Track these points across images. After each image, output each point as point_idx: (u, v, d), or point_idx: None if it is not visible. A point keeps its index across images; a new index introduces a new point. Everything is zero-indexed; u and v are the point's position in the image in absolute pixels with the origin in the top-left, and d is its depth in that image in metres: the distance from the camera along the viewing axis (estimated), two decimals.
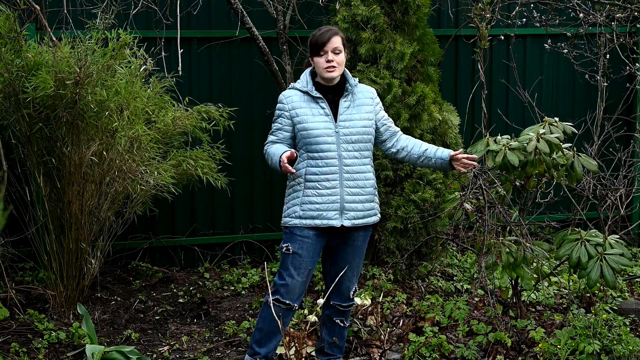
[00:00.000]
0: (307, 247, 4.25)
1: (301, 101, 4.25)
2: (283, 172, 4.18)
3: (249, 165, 6.49)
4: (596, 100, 6.84)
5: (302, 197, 4.24)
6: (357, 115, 4.28)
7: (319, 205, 4.22)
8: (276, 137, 4.30)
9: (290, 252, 4.25)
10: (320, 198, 4.22)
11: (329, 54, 4.20)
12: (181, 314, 5.57)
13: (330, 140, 4.21)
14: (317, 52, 4.22)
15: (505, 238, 4.76)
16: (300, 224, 4.24)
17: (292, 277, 4.25)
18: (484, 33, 6.23)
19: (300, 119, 4.23)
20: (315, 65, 4.26)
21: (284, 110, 4.28)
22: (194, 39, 6.28)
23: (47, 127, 5.01)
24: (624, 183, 5.95)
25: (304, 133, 4.21)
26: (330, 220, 4.23)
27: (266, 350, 4.37)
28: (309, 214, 4.23)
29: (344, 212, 4.25)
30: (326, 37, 4.20)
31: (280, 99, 4.32)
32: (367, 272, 5.69)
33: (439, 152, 4.33)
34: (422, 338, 4.80)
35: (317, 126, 4.21)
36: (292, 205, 4.28)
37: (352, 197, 4.25)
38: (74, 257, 5.22)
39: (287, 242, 4.28)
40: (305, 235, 4.24)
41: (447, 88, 6.69)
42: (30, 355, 4.72)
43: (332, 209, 4.23)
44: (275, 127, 4.31)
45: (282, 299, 4.27)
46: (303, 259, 4.25)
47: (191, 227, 6.44)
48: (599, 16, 6.39)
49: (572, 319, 4.84)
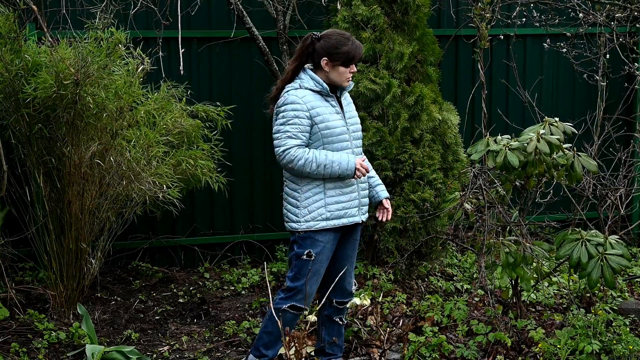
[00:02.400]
0: (326, 251, 4.28)
1: (316, 100, 4.22)
2: (357, 177, 4.22)
3: (249, 165, 6.49)
4: (596, 100, 6.84)
5: (326, 198, 4.23)
6: (354, 112, 4.41)
7: (344, 204, 4.26)
8: (300, 139, 4.16)
9: (312, 258, 4.24)
10: (344, 196, 4.26)
11: (354, 66, 4.25)
12: (181, 314, 5.57)
13: (346, 137, 4.26)
14: (348, 64, 4.21)
15: (505, 238, 4.76)
16: (327, 226, 4.24)
17: (311, 285, 4.26)
18: (484, 33, 6.23)
19: (322, 118, 4.19)
20: (338, 73, 4.23)
21: (302, 111, 4.16)
22: (194, 39, 6.28)
23: (47, 127, 5.01)
24: (624, 183, 5.95)
25: (326, 132, 4.19)
26: (354, 217, 4.32)
27: (273, 353, 4.39)
28: (335, 214, 4.25)
29: (360, 208, 4.34)
30: (360, 52, 4.23)
31: (293, 99, 4.16)
32: (367, 272, 5.69)
33: (379, 188, 4.46)
34: (422, 338, 4.80)
35: (336, 124, 4.23)
36: (315, 208, 4.23)
37: (364, 192, 4.38)
38: (74, 257, 5.22)
39: (307, 248, 4.24)
40: (326, 239, 4.26)
41: (447, 88, 6.68)
42: (30, 355, 4.72)
43: (354, 205, 4.31)
44: (297, 129, 4.15)
45: (298, 304, 4.27)
46: (322, 264, 4.29)
47: (191, 227, 6.44)
48: (598, 16, 6.39)
49: (572, 319, 4.84)
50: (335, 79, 4.24)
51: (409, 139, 5.66)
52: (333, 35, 4.23)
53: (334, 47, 4.19)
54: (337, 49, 4.19)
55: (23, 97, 4.84)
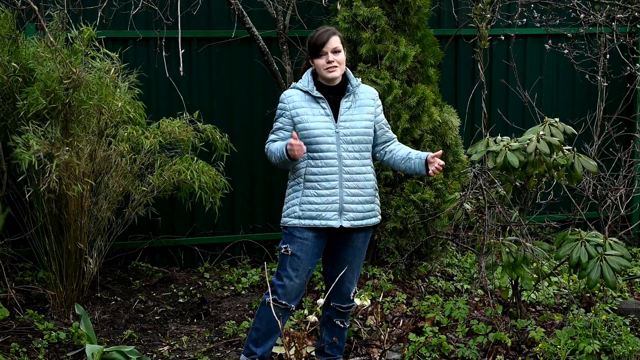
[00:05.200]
0: (306, 249, 4.23)
1: (302, 101, 4.24)
2: (293, 158, 4.10)
3: (249, 165, 6.49)
4: (596, 100, 6.84)
5: (302, 197, 4.23)
6: (358, 116, 4.27)
7: (318, 206, 4.21)
8: (277, 136, 4.29)
9: (289, 254, 4.23)
10: (319, 198, 4.21)
11: (329, 55, 4.19)
12: (181, 314, 5.57)
13: (330, 140, 4.20)
14: (317, 54, 4.21)
15: (505, 238, 4.76)
16: (299, 224, 4.22)
17: (290, 279, 4.24)
18: (484, 33, 6.23)
19: (300, 119, 4.21)
20: (316, 66, 4.24)
21: (285, 110, 4.26)
22: (194, 39, 6.28)
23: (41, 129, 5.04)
24: (624, 183, 5.94)
25: (304, 133, 4.20)
26: (329, 220, 4.22)
27: (263, 350, 4.36)
28: (307, 214, 4.22)
29: (343, 213, 4.23)
30: (324, 37, 4.20)
31: (281, 98, 4.30)
32: (367, 272, 5.69)
33: (420, 154, 4.33)
34: (422, 338, 4.80)
35: (317, 126, 4.20)
36: (291, 205, 4.27)
37: (352, 198, 4.24)
38: (73, 257, 5.22)
39: (286, 243, 4.25)
40: (305, 237, 4.23)
41: (447, 88, 6.68)
42: (30, 355, 4.72)
43: (331, 209, 4.21)
44: (277, 127, 4.30)
45: (279, 299, 4.25)
46: (302, 261, 4.23)
47: (191, 227, 6.44)
48: (599, 16, 6.39)
49: (572, 319, 4.84)
50: (319, 73, 4.25)
51: (410, 139, 5.66)
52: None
53: (307, 44, 4.28)
54: (307, 43, 4.28)
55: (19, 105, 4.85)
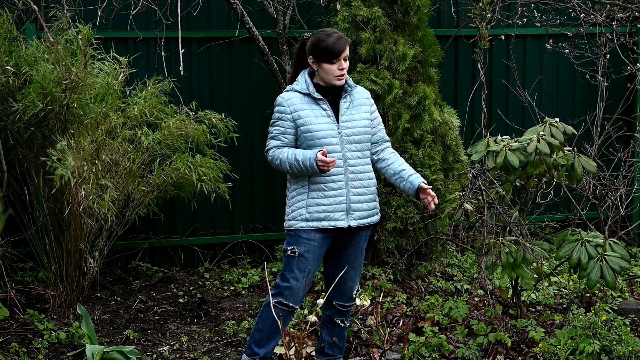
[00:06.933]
0: (313, 249, 4.23)
1: (302, 103, 4.21)
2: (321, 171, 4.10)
3: (249, 165, 6.48)
4: (596, 100, 6.84)
5: (308, 200, 4.21)
6: (358, 115, 4.27)
7: (325, 207, 4.20)
8: (280, 141, 4.23)
9: (296, 255, 4.21)
10: (326, 199, 4.20)
11: (342, 62, 4.17)
12: (181, 314, 5.57)
13: (334, 141, 4.19)
14: (330, 60, 4.15)
15: (505, 238, 4.76)
16: (306, 227, 4.21)
17: (297, 280, 4.23)
18: (484, 33, 6.23)
19: (303, 121, 4.19)
20: (324, 71, 4.19)
21: (285, 113, 4.21)
22: (194, 39, 6.28)
23: (41, 130, 5.07)
24: (624, 183, 5.94)
25: (307, 135, 4.18)
26: (338, 221, 4.22)
27: (265, 351, 4.36)
28: (315, 216, 4.21)
29: (350, 213, 4.24)
30: (342, 45, 4.14)
31: (279, 102, 4.24)
32: (367, 272, 5.69)
33: (412, 177, 4.30)
34: (422, 338, 4.80)
35: (321, 127, 4.18)
36: (296, 208, 4.24)
37: (358, 197, 4.25)
38: (73, 257, 5.22)
39: (292, 245, 4.23)
40: (312, 238, 4.22)
41: (447, 88, 6.68)
42: (30, 355, 4.72)
43: (339, 209, 4.21)
44: (278, 131, 4.23)
45: (285, 301, 4.24)
46: (309, 261, 4.23)
47: (191, 227, 6.44)
48: (599, 16, 6.39)
49: (572, 319, 4.84)
50: (325, 78, 4.20)
51: (410, 139, 5.66)
52: (317, 33, 4.22)
53: (315, 45, 4.18)
54: (317, 46, 4.16)
55: (16, 108, 4.85)
